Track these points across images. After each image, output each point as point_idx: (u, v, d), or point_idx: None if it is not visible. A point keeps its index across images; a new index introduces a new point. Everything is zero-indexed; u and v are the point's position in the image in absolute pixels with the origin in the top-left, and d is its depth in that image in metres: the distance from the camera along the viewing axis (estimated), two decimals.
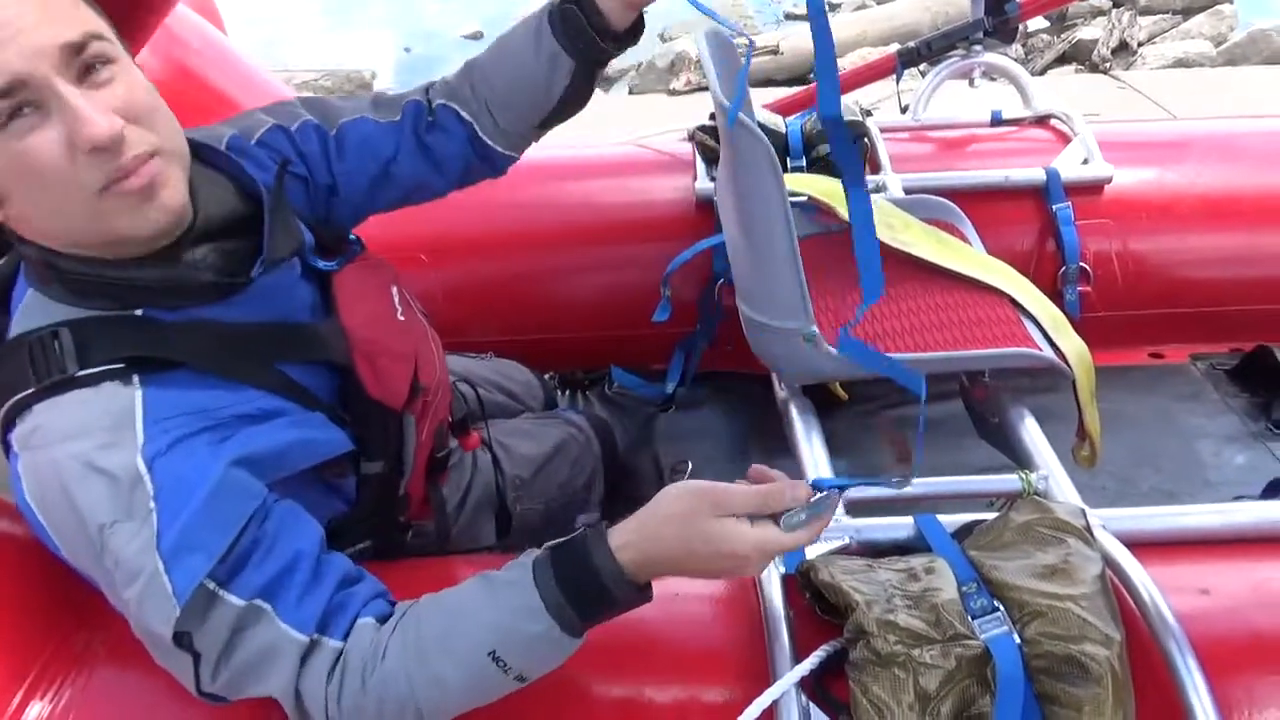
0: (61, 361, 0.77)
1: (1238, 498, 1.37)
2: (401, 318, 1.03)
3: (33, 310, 0.81)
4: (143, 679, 0.87)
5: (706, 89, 1.20)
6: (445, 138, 1.07)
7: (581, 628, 0.77)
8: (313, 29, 6.67)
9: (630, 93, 5.29)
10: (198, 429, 0.78)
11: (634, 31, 0.99)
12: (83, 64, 0.73)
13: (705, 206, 1.73)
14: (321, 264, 0.97)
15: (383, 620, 0.81)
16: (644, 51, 5.75)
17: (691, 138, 1.87)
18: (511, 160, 1.12)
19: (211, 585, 0.74)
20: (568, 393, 1.76)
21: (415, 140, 1.06)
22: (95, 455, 0.74)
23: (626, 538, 0.76)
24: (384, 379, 0.96)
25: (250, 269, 0.86)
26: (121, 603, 0.77)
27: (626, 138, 2.04)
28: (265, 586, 0.77)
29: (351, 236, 1.05)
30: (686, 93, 4.71)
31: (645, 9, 0.98)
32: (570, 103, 1.04)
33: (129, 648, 0.80)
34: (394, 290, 1.05)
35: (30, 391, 0.77)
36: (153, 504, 0.73)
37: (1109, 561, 0.90)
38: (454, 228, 1.68)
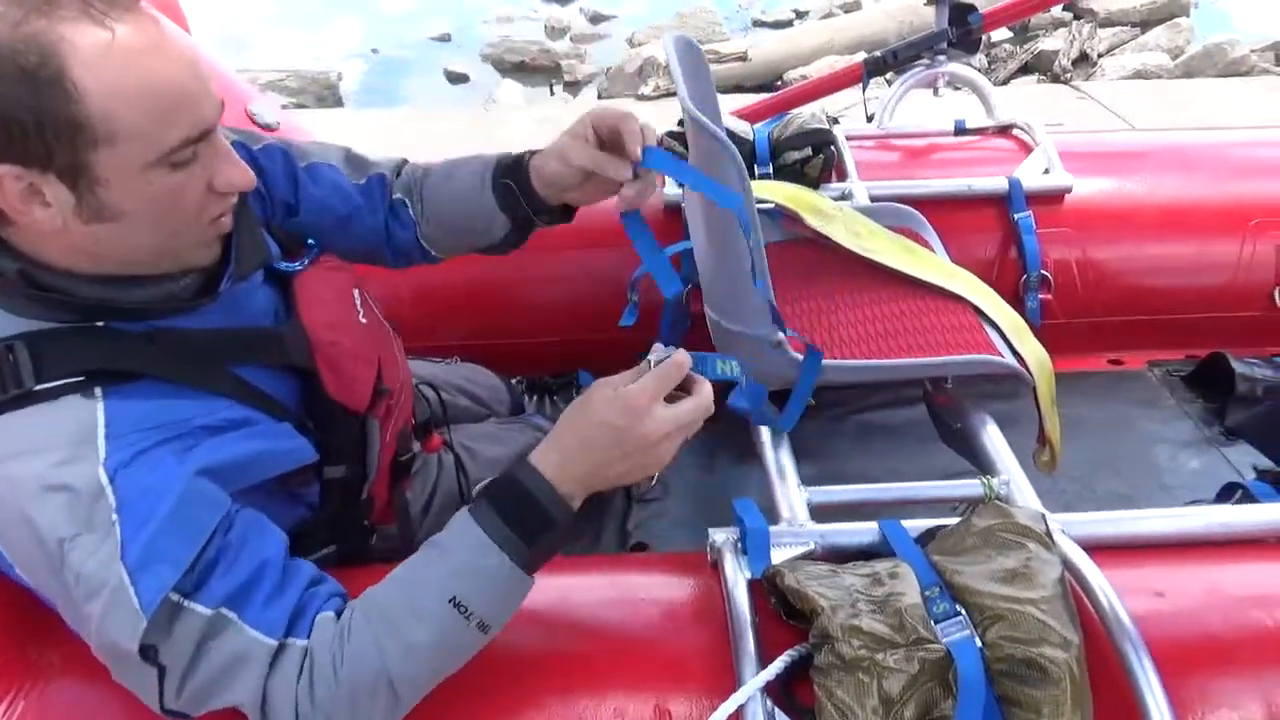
0: (18, 376, 0.76)
1: (1192, 502, 1.40)
2: (363, 320, 1.03)
3: None
4: (99, 692, 0.85)
5: (674, 94, 1.21)
6: (398, 224, 1.13)
7: (530, 558, 0.80)
8: (278, 29, 6.60)
9: (599, 97, 5.29)
10: (161, 440, 0.77)
11: (567, 211, 1.07)
12: None
13: (673, 212, 1.74)
14: (283, 266, 0.97)
15: (339, 613, 0.81)
16: (612, 56, 5.76)
17: (660, 144, 1.87)
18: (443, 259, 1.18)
19: (177, 597, 0.74)
20: (535, 397, 1.76)
21: (378, 211, 1.12)
22: (54, 471, 0.73)
23: (551, 460, 0.81)
24: (347, 381, 0.96)
25: (217, 280, 0.87)
26: (81, 619, 0.75)
27: None
28: (231, 595, 0.76)
29: (310, 241, 1.05)
30: (655, 98, 4.72)
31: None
32: (505, 246, 1.12)
33: (85, 661, 0.79)
34: (355, 293, 1.05)
35: None
36: (115, 516, 0.73)
37: (1068, 565, 0.91)
38: None
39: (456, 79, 5.82)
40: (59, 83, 0.69)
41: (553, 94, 5.59)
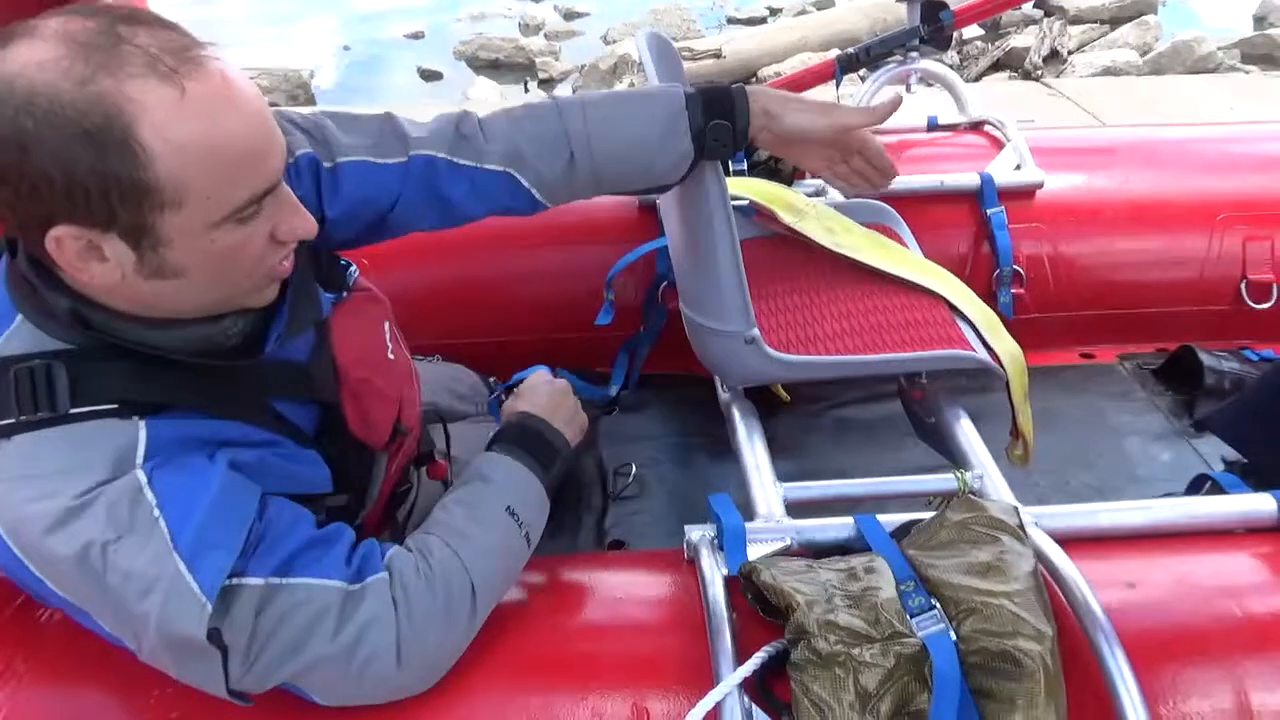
0: (53, 396, 0.74)
1: (1164, 494, 1.42)
2: (391, 356, 1.02)
3: (22, 336, 0.77)
4: (68, 699, 0.84)
5: None
6: (482, 196, 1.04)
7: (546, 478, 1.00)
8: (249, 27, 6.53)
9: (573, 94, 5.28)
10: (192, 449, 0.77)
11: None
12: None
13: (648, 209, 1.74)
14: (323, 296, 0.95)
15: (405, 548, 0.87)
16: (587, 53, 5.76)
17: None
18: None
19: (232, 580, 0.74)
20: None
21: (424, 190, 1.03)
22: (92, 490, 0.72)
23: (536, 407, 1.06)
24: (369, 420, 0.96)
25: (263, 336, 0.85)
26: (133, 618, 0.74)
27: None
28: (283, 563, 0.78)
29: (343, 262, 1.01)
30: None
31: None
32: (669, 187, 1.11)
33: (56, 664, 0.78)
34: (386, 326, 1.03)
35: (11, 422, 0.74)
36: (157, 513, 0.73)
37: (1041, 558, 0.92)
38: None
39: (430, 76, 5.79)
40: (126, 145, 0.66)
41: (527, 91, 5.58)
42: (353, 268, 1.01)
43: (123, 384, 0.77)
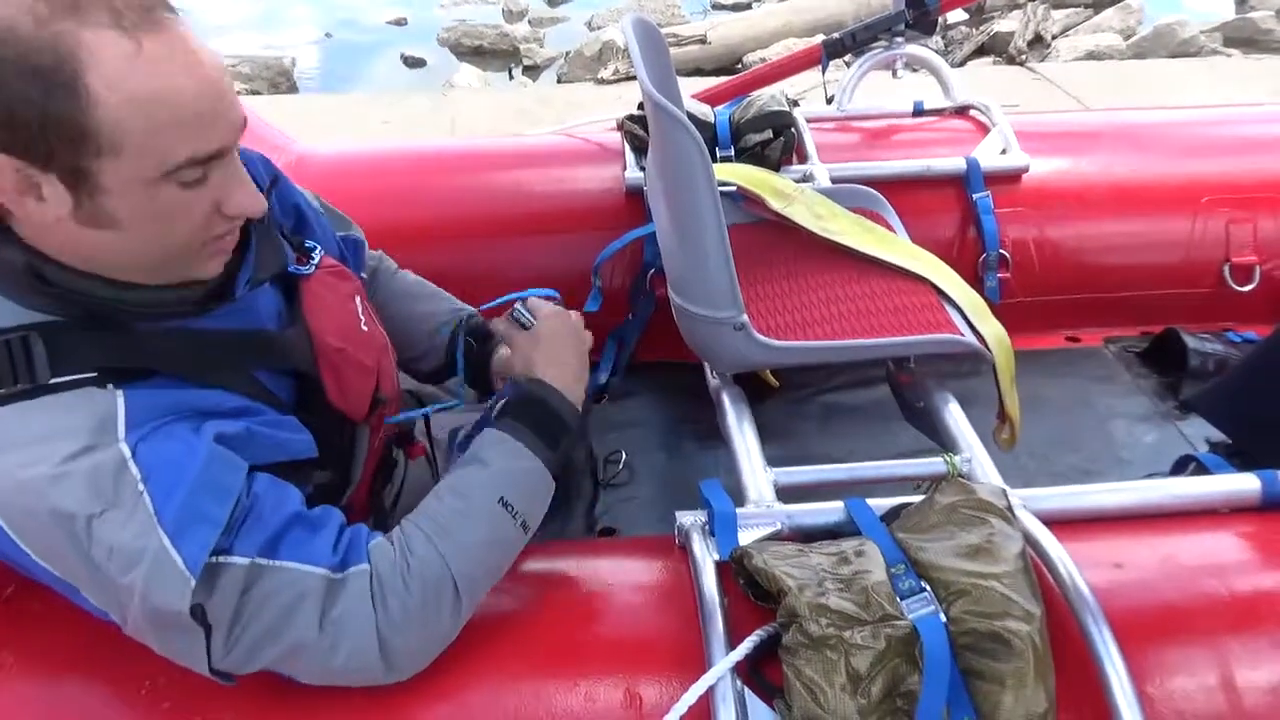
0: (32, 369, 0.74)
1: (1149, 475, 1.43)
2: (365, 329, 1.02)
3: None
4: (51, 690, 0.84)
5: (634, 78, 1.20)
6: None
7: (551, 459, 0.95)
8: (229, 14, 6.46)
9: (559, 81, 5.25)
10: (175, 419, 0.77)
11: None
12: None
13: (635, 196, 1.73)
14: (293, 268, 0.96)
15: (390, 538, 0.86)
16: (571, 40, 5.72)
17: (620, 127, 1.86)
18: None
19: (215, 557, 0.74)
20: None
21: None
22: (75, 455, 0.72)
23: (548, 373, 1.01)
24: (348, 390, 0.96)
25: (232, 283, 0.86)
26: (117, 592, 0.74)
27: (555, 127, 2.03)
28: (267, 543, 0.77)
29: (311, 244, 1.04)
30: (614, 81, 4.70)
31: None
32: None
33: (45, 656, 0.78)
34: (358, 301, 1.04)
35: None
36: (142, 488, 0.73)
37: (1029, 539, 0.93)
38: (383, 219, 1.65)
39: (413, 63, 5.74)
40: (72, 88, 0.68)
41: (511, 78, 5.54)
42: (319, 249, 1.03)
43: (101, 352, 0.77)
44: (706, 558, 0.95)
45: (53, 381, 0.74)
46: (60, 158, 0.70)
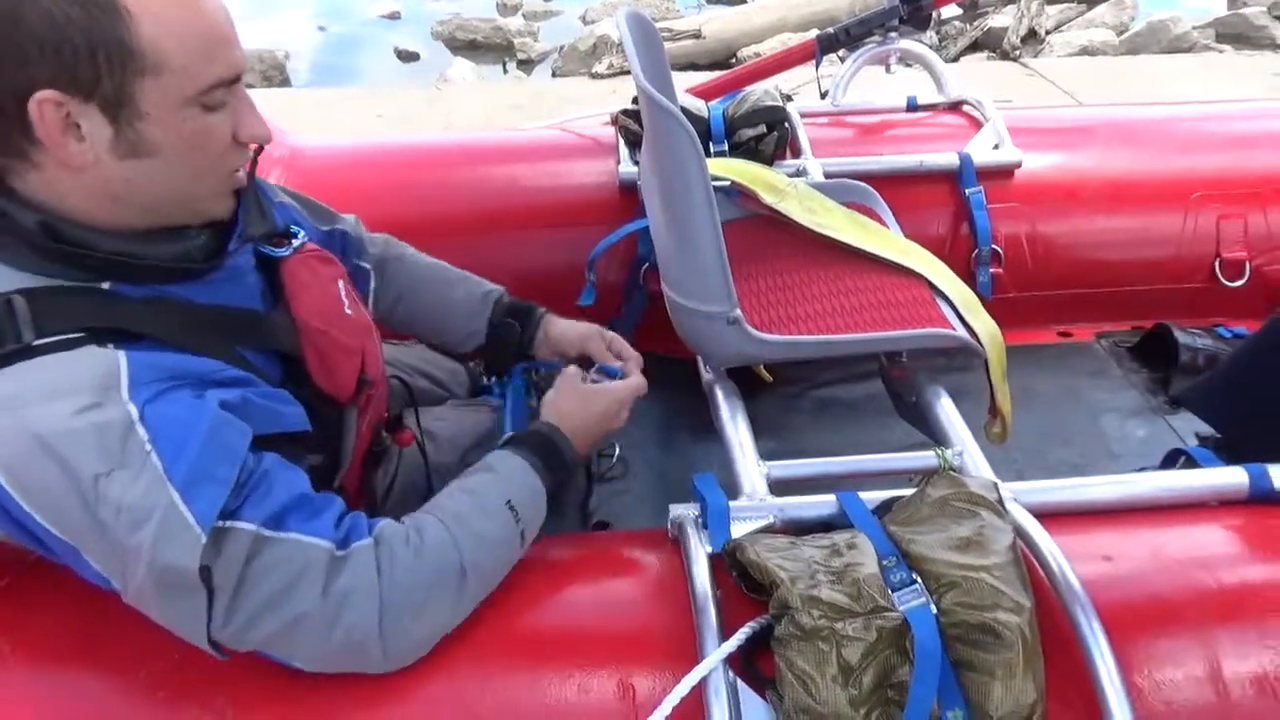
0: (16, 329, 0.75)
1: (1139, 469, 1.44)
2: (349, 311, 1.03)
3: None
4: (59, 673, 0.84)
5: (629, 72, 1.21)
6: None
7: (549, 482, 1.01)
8: None
9: (553, 75, 5.25)
10: (179, 384, 0.78)
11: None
12: None
13: (629, 190, 1.74)
14: (272, 250, 0.97)
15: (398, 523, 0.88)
16: (566, 34, 5.71)
17: (614, 121, 1.87)
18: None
19: (225, 522, 0.75)
20: (493, 379, 1.75)
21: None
22: (81, 412, 0.73)
23: (564, 424, 1.07)
24: (332, 371, 0.97)
25: (225, 244, 0.89)
26: (125, 551, 0.74)
27: (549, 121, 2.03)
28: (274, 515, 0.78)
29: (293, 229, 1.05)
30: (609, 76, 4.69)
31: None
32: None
33: (43, 645, 0.78)
34: (341, 284, 1.05)
35: None
36: (149, 448, 0.73)
37: (1019, 532, 0.93)
38: (377, 212, 1.64)
39: (407, 57, 5.73)
40: (115, 7, 0.72)
41: (505, 72, 5.53)
42: (302, 233, 1.04)
43: (86, 313, 0.78)
44: (699, 550, 0.95)
45: (41, 342, 0.75)
46: (105, 82, 0.73)
